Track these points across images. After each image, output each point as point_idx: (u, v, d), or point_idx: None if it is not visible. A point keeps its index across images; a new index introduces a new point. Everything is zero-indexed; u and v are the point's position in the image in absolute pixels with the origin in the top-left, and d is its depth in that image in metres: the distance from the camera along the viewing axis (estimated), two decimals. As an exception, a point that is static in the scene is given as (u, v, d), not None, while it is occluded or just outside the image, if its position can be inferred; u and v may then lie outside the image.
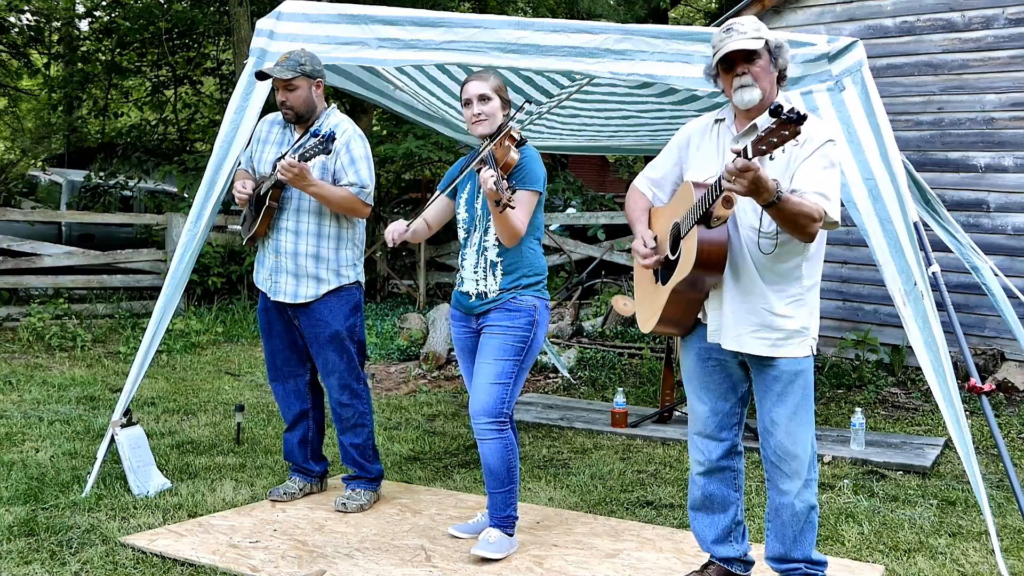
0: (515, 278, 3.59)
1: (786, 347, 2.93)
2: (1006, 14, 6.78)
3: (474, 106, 3.59)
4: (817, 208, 2.75)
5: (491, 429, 3.52)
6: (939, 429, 5.77)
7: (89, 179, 12.21)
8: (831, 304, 7.42)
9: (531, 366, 3.64)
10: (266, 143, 4.23)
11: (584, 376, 7.41)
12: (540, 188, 3.57)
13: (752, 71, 2.86)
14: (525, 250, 3.61)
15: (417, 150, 10.48)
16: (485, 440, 3.54)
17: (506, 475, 3.57)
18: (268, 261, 4.17)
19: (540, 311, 3.61)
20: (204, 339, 8.87)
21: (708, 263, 2.85)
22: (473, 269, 3.65)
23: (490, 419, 3.51)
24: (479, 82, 3.60)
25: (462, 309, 3.72)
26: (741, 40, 2.84)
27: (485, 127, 3.59)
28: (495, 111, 3.60)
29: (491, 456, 3.54)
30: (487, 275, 3.61)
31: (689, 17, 22.25)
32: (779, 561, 3.08)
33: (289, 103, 4.04)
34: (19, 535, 3.72)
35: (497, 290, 3.59)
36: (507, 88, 3.71)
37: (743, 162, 2.54)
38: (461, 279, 3.72)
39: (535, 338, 3.59)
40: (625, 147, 6.94)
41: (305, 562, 3.51)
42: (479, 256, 3.63)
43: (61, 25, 16.08)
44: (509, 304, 3.57)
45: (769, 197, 2.64)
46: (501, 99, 3.62)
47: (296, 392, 4.28)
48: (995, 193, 6.90)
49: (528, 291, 3.60)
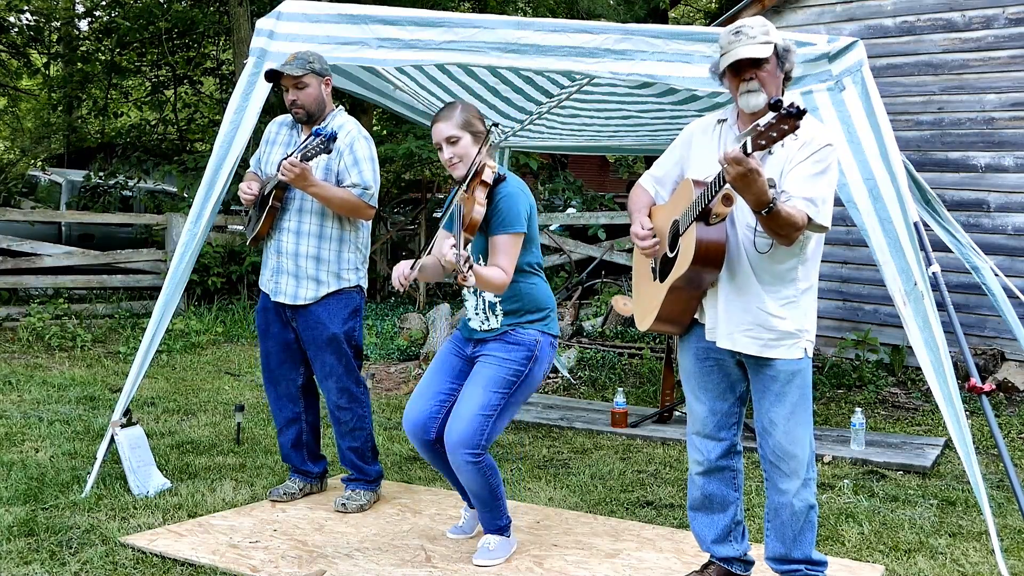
0: (518, 316, 3.46)
1: (778, 348, 2.93)
2: (1006, 14, 6.78)
3: (444, 151, 3.41)
4: (802, 216, 2.76)
5: (468, 461, 3.37)
6: (939, 429, 5.77)
7: (89, 179, 12.21)
8: (831, 304, 7.42)
9: (520, 404, 3.49)
10: (274, 144, 4.23)
11: (584, 376, 7.41)
12: (521, 228, 3.37)
13: (760, 76, 2.86)
14: (524, 287, 3.46)
15: (417, 150, 10.49)
16: (463, 471, 3.40)
17: (490, 496, 3.48)
18: (271, 262, 4.16)
19: (542, 347, 3.45)
20: (204, 339, 8.87)
21: (706, 260, 2.85)
22: (475, 310, 3.53)
23: (467, 451, 3.35)
24: (443, 124, 3.40)
25: (464, 333, 3.64)
26: (750, 46, 2.83)
27: (460, 170, 3.39)
28: (466, 149, 3.39)
29: (471, 483, 3.43)
30: (488, 316, 3.49)
31: (689, 17, 22.25)
32: (779, 561, 3.08)
33: (300, 101, 4.03)
34: (19, 535, 3.71)
35: (500, 327, 3.48)
36: (480, 116, 3.49)
37: (740, 156, 2.55)
38: (466, 314, 3.61)
39: (530, 374, 3.43)
40: (625, 147, 6.94)
41: (305, 562, 3.51)
42: (477, 298, 3.51)
43: (61, 25, 16.08)
44: (509, 336, 3.44)
45: (760, 207, 2.65)
46: (471, 134, 3.40)
47: (288, 395, 4.26)
48: (995, 193, 6.90)
49: (533, 326, 3.46)
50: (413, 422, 3.54)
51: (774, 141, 2.53)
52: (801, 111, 2.46)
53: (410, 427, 3.56)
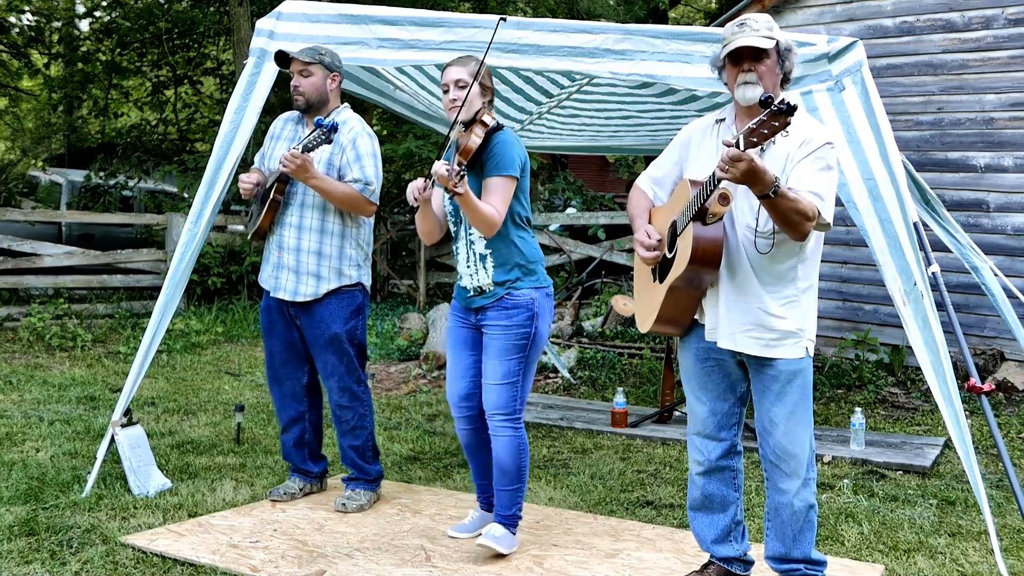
0: (508, 269, 3.53)
1: (780, 348, 2.93)
2: (1006, 14, 6.78)
3: (451, 92, 3.50)
4: (812, 207, 2.75)
5: (506, 425, 3.53)
6: (939, 429, 5.77)
7: (89, 179, 12.21)
8: (831, 304, 7.42)
9: (539, 357, 3.63)
10: (278, 139, 4.23)
11: (584, 376, 7.41)
12: (514, 172, 3.47)
13: (758, 69, 2.87)
14: (514, 238, 3.54)
15: (417, 150, 10.49)
16: (499, 436, 3.54)
17: (516, 473, 3.57)
18: (272, 257, 4.16)
19: (539, 302, 3.55)
20: (204, 339, 8.87)
21: (704, 259, 2.85)
22: (466, 264, 3.62)
23: (504, 415, 3.52)
24: (458, 67, 3.51)
25: (461, 303, 3.71)
26: (753, 37, 2.85)
27: (460, 114, 3.48)
28: (473, 97, 3.47)
29: (504, 452, 3.54)
30: (478, 268, 3.57)
31: (689, 17, 22.25)
32: (779, 561, 3.08)
33: (301, 88, 4.03)
34: (19, 535, 3.72)
35: (491, 283, 3.55)
36: (491, 77, 3.60)
37: (736, 152, 2.55)
38: (459, 274, 3.70)
39: (537, 331, 3.55)
40: (625, 147, 6.94)
41: (305, 562, 3.51)
42: (468, 250, 3.60)
43: (61, 25, 16.09)
44: (506, 301, 3.53)
45: (765, 189, 2.64)
46: (482, 86, 3.50)
47: (292, 394, 4.26)
48: (995, 193, 6.90)
49: (525, 282, 3.54)
50: (456, 403, 3.73)
51: (766, 138, 2.54)
52: (792, 107, 2.47)
53: (455, 406, 3.75)
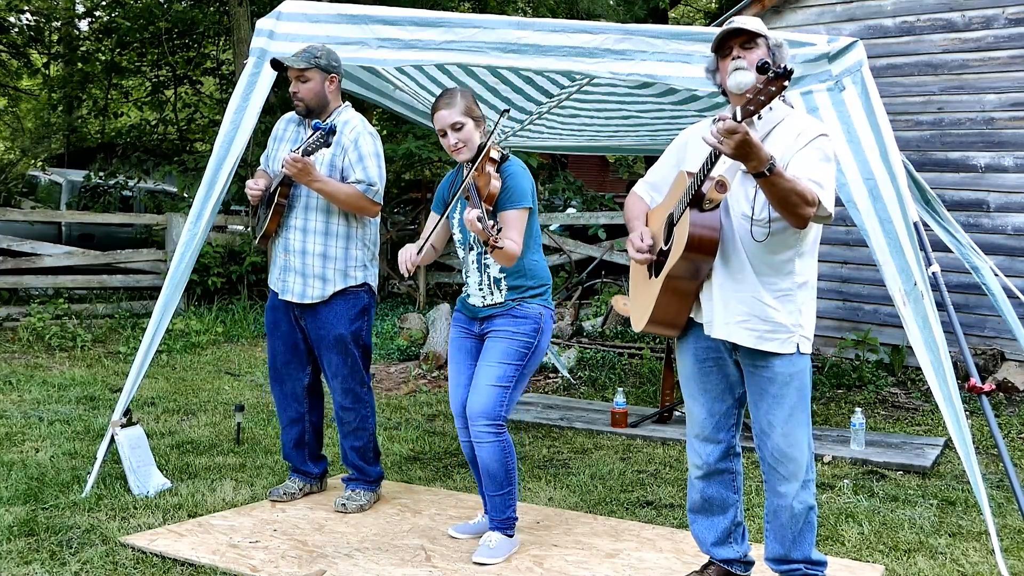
0: (521, 290, 3.60)
1: (772, 341, 2.92)
2: (1006, 14, 6.78)
3: (449, 137, 3.55)
4: (811, 191, 2.74)
5: (489, 432, 3.52)
6: (939, 429, 5.77)
7: (89, 179, 12.21)
8: (831, 304, 7.42)
9: (533, 372, 3.64)
10: (281, 141, 4.22)
11: (584, 376, 7.41)
12: (529, 203, 3.56)
13: (748, 58, 2.88)
14: (527, 262, 3.61)
15: (417, 150, 10.49)
16: (482, 443, 3.53)
17: (504, 477, 3.57)
18: (279, 260, 4.16)
19: (545, 319, 3.63)
20: (204, 339, 8.87)
21: (700, 246, 2.84)
22: (478, 286, 3.65)
23: (488, 421, 3.51)
24: (446, 111, 3.54)
25: (467, 313, 3.73)
26: (740, 23, 2.89)
27: (465, 154, 3.56)
28: (471, 135, 3.55)
29: (489, 459, 3.54)
30: (492, 290, 3.63)
31: (689, 17, 22.25)
32: (779, 562, 3.08)
33: (300, 94, 4.03)
34: (19, 535, 3.72)
35: (504, 300, 3.61)
36: (476, 101, 3.64)
37: (731, 124, 2.55)
38: (467, 293, 3.72)
39: (539, 345, 3.60)
40: (625, 147, 6.94)
41: (305, 562, 3.51)
42: (481, 274, 3.64)
43: (61, 25, 16.08)
44: (515, 311, 3.59)
45: (760, 166, 2.63)
46: (473, 119, 3.56)
47: (293, 395, 4.26)
48: (995, 193, 6.90)
49: (534, 300, 3.61)
50: (460, 413, 3.72)
51: (763, 105, 2.54)
52: (788, 71, 2.49)
53: (459, 416, 3.73)
